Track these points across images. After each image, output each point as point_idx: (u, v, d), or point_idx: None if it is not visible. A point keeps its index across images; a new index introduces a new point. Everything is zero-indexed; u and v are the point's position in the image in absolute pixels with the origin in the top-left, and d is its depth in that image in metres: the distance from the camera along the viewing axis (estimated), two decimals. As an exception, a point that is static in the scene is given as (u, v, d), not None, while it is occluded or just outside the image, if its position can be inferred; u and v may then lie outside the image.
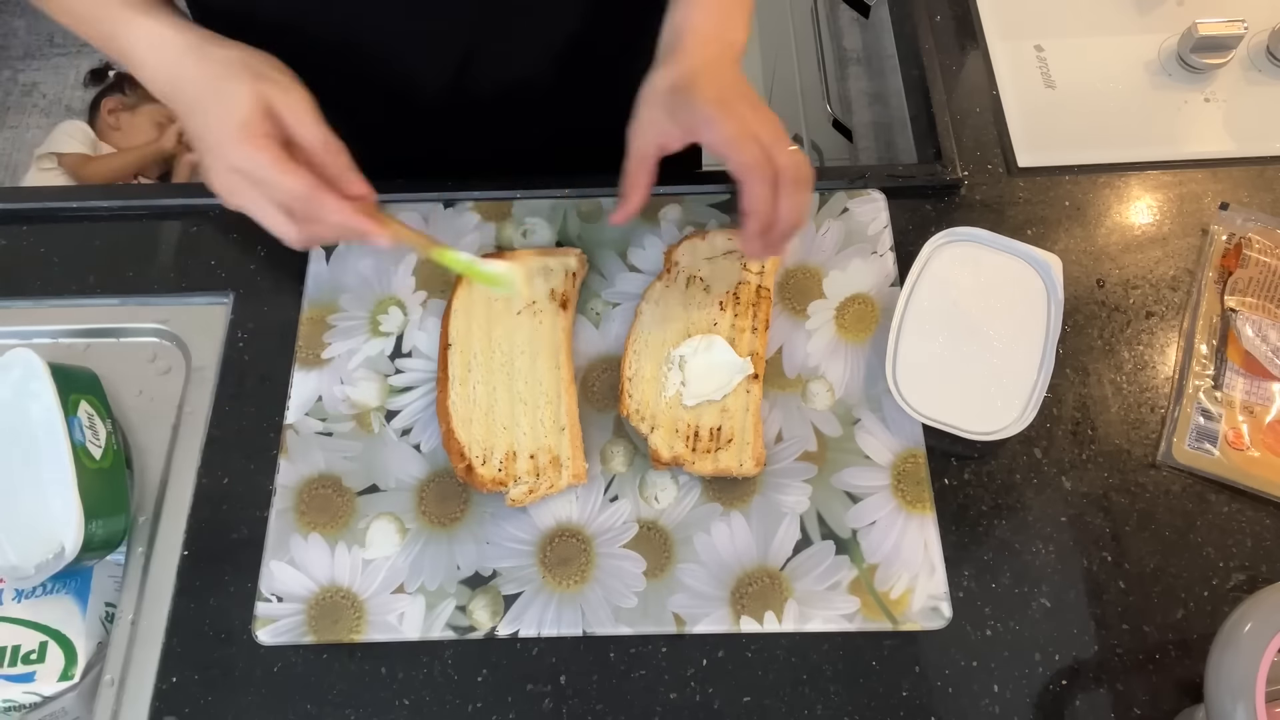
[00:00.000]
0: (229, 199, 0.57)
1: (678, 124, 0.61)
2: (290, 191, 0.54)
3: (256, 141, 0.54)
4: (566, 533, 0.61)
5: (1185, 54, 0.80)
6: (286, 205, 0.55)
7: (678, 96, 0.61)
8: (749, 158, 0.59)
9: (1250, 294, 0.68)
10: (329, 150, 0.56)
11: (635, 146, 0.64)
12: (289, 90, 0.56)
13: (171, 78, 0.57)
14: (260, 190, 0.55)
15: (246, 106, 0.54)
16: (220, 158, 0.55)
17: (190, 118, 0.57)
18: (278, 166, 0.54)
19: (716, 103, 0.59)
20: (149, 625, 0.60)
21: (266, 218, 0.56)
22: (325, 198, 0.55)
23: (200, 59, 0.57)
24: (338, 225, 0.56)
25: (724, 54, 0.63)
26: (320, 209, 0.55)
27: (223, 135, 0.54)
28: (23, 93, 2.09)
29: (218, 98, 0.55)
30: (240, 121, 0.54)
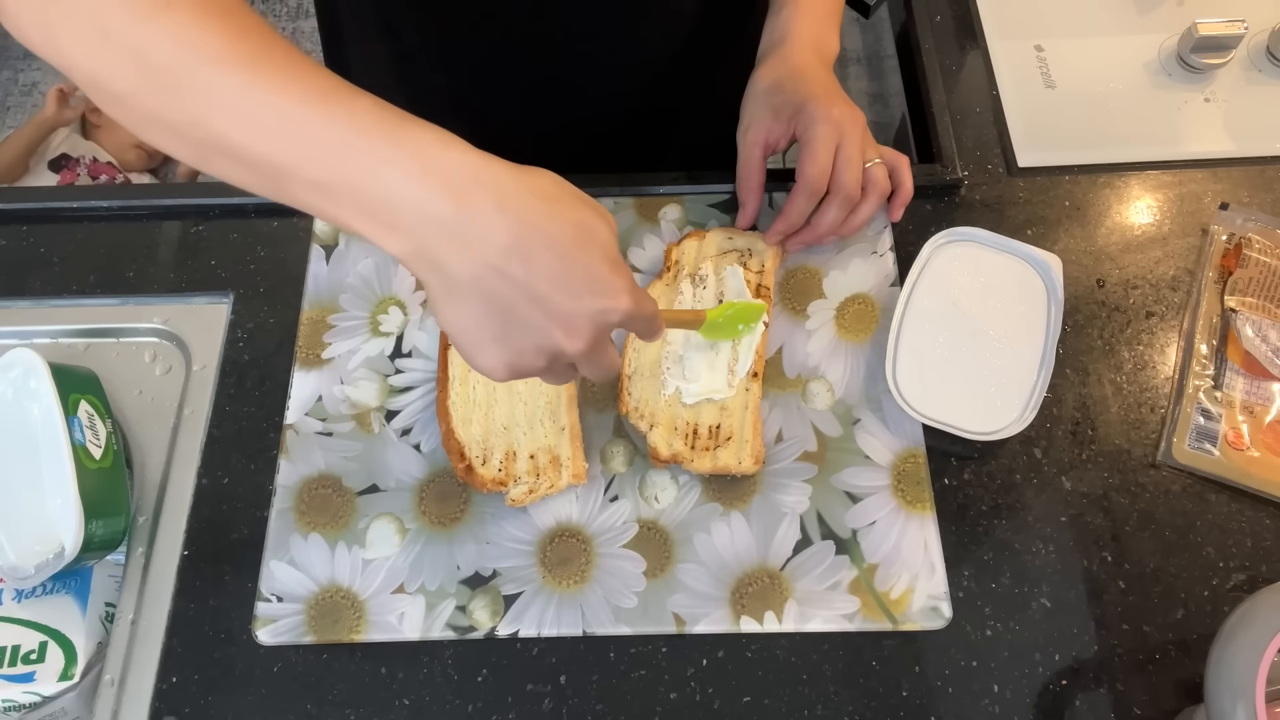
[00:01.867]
0: (524, 373, 0.44)
1: (781, 121, 0.64)
2: (649, 319, 0.46)
3: (634, 292, 0.43)
4: (566, 533, 0.61)
5: (1185, 54, 0.80)
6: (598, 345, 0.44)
7: (781, 95, 0.65)
8: (812, 171, 0.63)
9: (1250, 294, 0.68)
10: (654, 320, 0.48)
11: (743, 147, 0.68)
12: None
13: (463, 210, 0.39)
14: (594, 353, 0.44)
15: (614, 244, 0.43)
16: (563, 326, 0.42)
17: (496, 280, 0.40)
18: (647, 302, 0.45)
19: (818, 101, 0.63)
20: (149, 625, 0.60)
21: (565, 379, 0.47)
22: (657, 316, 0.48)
23: (509, 176, 0.41)
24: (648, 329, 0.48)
25: (822, 59, 0.67)
26: (651, 328, 0.47)
27: (587, 289, 0.41)
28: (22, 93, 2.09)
29: (578, 242, 0.41)
30: (614, 265, 0.42)
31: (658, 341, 0.65)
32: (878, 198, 0.65)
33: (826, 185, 0.64)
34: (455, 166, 0.40)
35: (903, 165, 0.68)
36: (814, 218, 0.66)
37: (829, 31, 0.70)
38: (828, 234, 0.67)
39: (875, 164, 0.65)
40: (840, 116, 0.63)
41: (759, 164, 0.67)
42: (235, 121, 0.39)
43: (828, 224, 0.66)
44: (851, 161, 0.63)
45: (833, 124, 0.63)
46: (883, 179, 0.65)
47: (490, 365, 0.43)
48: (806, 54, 0.67)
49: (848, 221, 0.66)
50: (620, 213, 0.73)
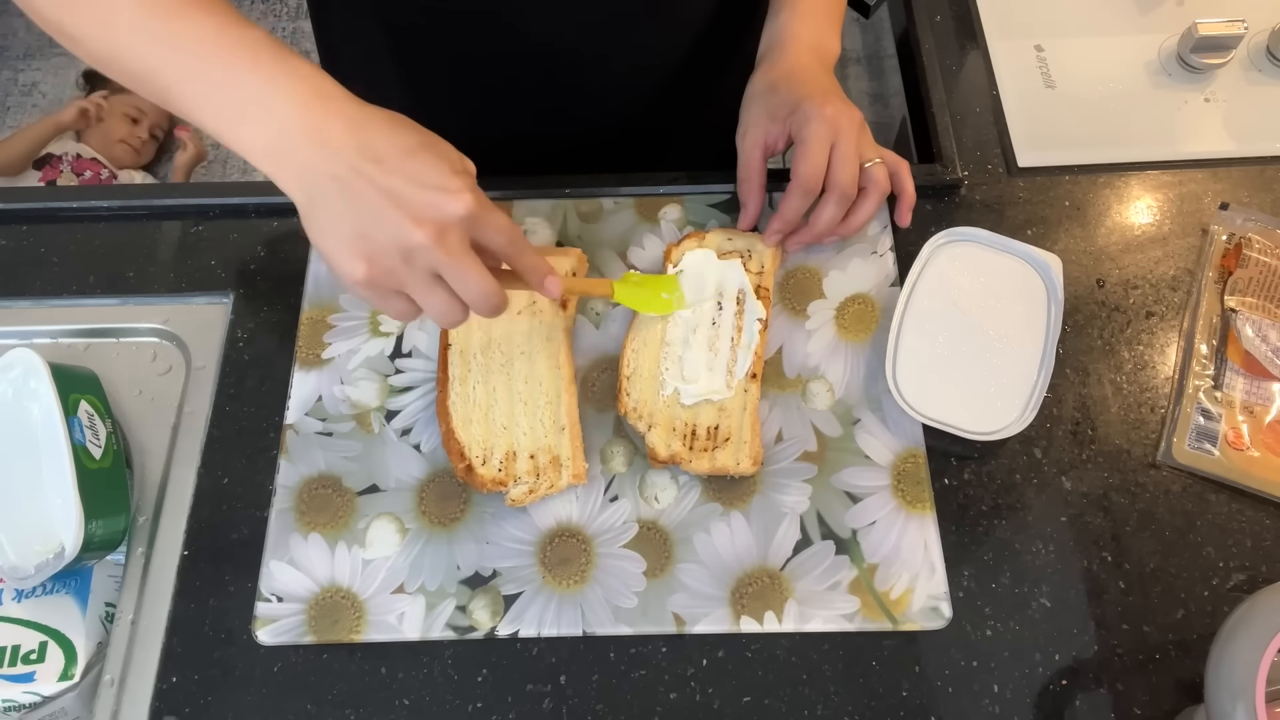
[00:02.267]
0: (385, 276, 0.48)
1: (778, 122, 0.64)
2: (505, 231, 0.49)
3: (477, 191, 0.48)
4: (566, 533, 0.61)
5: (1185, 54, 0.80)
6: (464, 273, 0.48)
7: (776, 96, 0.66)
8: (805, 169, 0.64)
9: (1250, 294, 0.68)
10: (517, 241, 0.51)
11: (743, 150, 0.69)
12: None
13: (327, 123, 0.47)
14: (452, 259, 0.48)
15: (461, 159, 0.49)
16: (411, 216, 0.46)
17: (356, 178, 0.46)
18: (496, 213, 0.49)
19: (813, 100, 0.63)
20: (149, 625, 0.60)
21: (431, 297, 0.49)
22: (531, 249, 0.52)
23: (368, 110, 0.48)
24: (531, 269, 0.52)
25: (821, 60, 0.67)
26: (521, 252, 0.51)
27: (433, 184, 0.46)
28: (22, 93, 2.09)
29: (425, 149, 0.47)
30: (459, 168, 0.48)
31: (657, 342, 0.65)
32: (877, 197, 0.65)
33: (821, 183, 0.64)
34: (328, 91, 0.48)
35: (903, 170, 0.68)
36: (811, 216, 0.66)
37: (828, 33, 0.70)
38: (826, 232, 0.66)
39: (875, 164, 0.65)
40: (835, 114, 0.63)
41: (759, 165, 0.67)
42: (139, 50, 0.48)
43: (825, 222, 0.65)
44: (846, 159, 0.63)
45: (826, 122, 0.63)
46: (882, 178, 0.65)
47: (351, 265, 0.47)
48: (803, 56, 0.68)
49: (846, 221, 0.66)
50: (620, 213, 0.73)
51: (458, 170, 0.48)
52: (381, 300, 0.50)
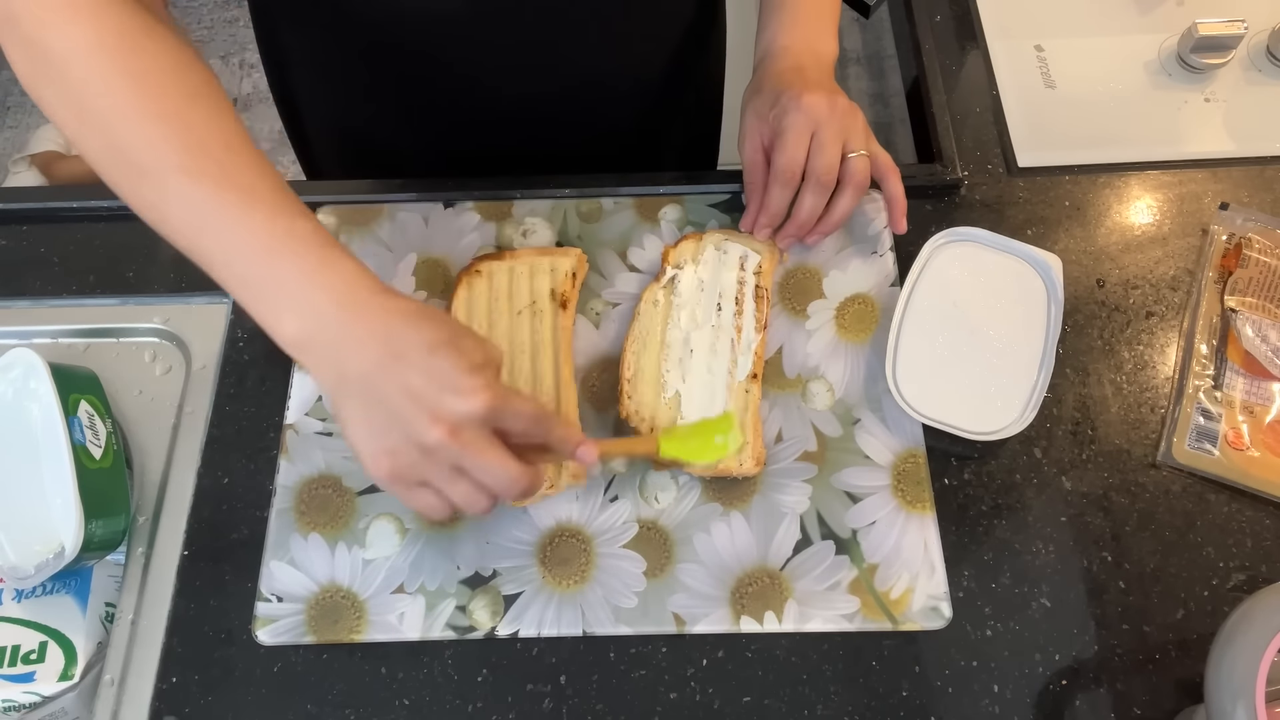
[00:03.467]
0: (408, 471, 0.48)
1: (765, 120, 0.65)
2: (529, 415, 0.49)
3: (494, 388, 0.47)
4: (566, 533, 0.61)
5: (1185, 54, 0.80)
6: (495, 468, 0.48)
7: (760, 97, 0.67)
8: (782, 159, 0.64)
9: (1250, 294, 0.68)
10: (543, 420, 0.50)
11: (743, 155, 0.70)
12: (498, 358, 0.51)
13: (359, 320, 0.47)
14: (471, 451, 0.47)
15: (484, 353, 0.49)
16: (428, 415, 0.46)
17: (380, 374, 0.47)
18: (516, 400, 0.48)
19: (791, 91, 0.64)
20: (149, 625, 0.60)
21: (454, 489, 0.49)
22: (560, 422, 0.51)
23: (399, 302, 0.49)
24: (561, 441, 0.51)
25: (815, 62, 0.68)
26: (549, 429, 0.50)
27: (449, 384, 0.46)
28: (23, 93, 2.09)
29: (446, 345, 0.47)
30: (480, 363, 0.48)
31: (657, 344, 0.65)
32: (853, 190, 0.65)
33: (800, 173, 0.64)
34: (365, 286, 0.48)
35: (892, 175, 0.67)
36: (793, 207, 0.66)
37: (821, 37, 0.69)
38: (808, 223, 0.66)
39: (857, 155, 0.64)
40: (813, 104, 0.63)
41: (761, 167, 0.67)
42: (189, 219, 0.49)
43: (805, 212, 0.65)
44: (824, 147, 0.63)
45: (804, 112, 0.63)
46: (860, 171, 0.64)
47: (375, 460, 0.48)
48: (793, 59, 0.67)
49: (826, 215, 0.66)
50: (620, 213, 0.73)
51: (476, 366, 0.47)
52: (408, 494, 0.49)
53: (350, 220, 0.72)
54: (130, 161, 0.49)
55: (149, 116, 0.48)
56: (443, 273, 0.70)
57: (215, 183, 0.48)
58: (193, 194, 0.48)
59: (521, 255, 0.69)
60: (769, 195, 0.65)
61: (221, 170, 0.48)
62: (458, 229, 0.72)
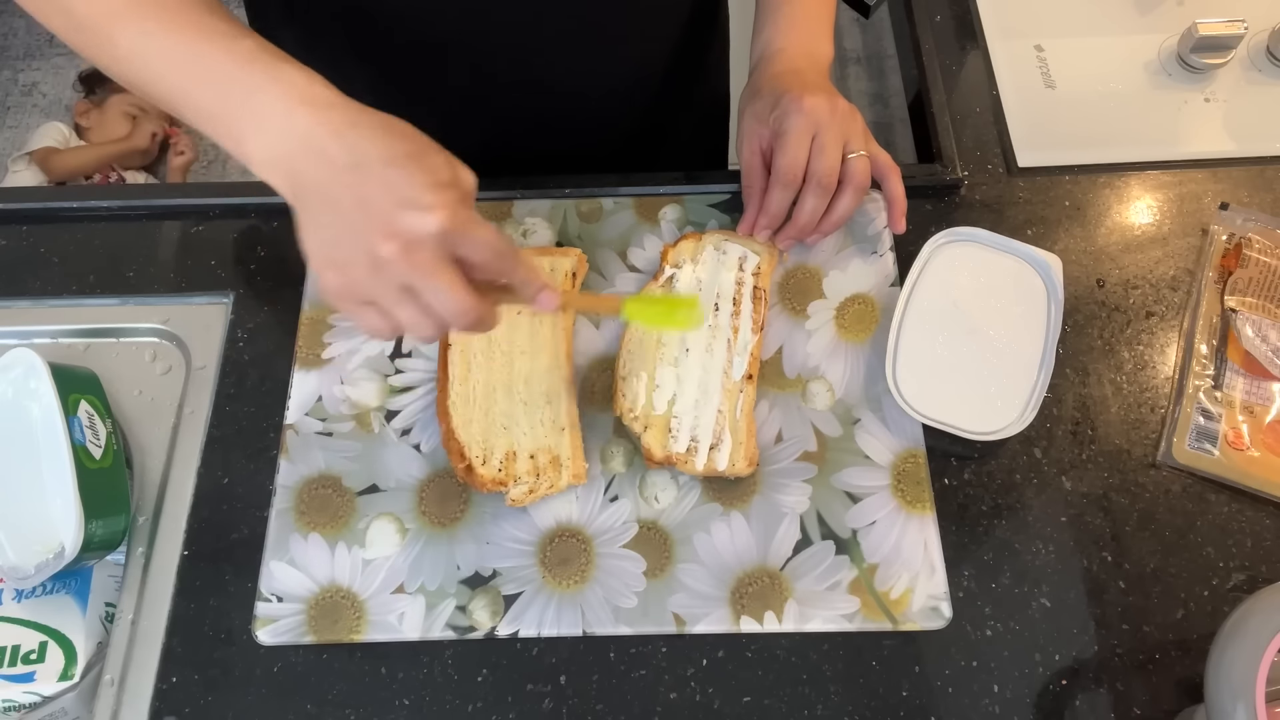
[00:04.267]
0: (354, 287, 0.47)
1: (764, 122, 0.65)
2: (490, 246, 0.47)
3: (455, 209, 0.45)
4: (566, 533, 0.61)
5: (1185, 54, 0.80)
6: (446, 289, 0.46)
7: (760, 99, 0.67)
8: (783, 161, 0.64)
9: (1250, 294, 0.68)
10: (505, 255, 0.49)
11: (741, 158, 0.70)
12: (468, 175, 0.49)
13: (316, 130, 0.46)
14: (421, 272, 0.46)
15: (451, 173, 0.47)
16: (381, 229, 0.45)
17: (336, 184, 0.45)
18: (479, 227, 0.47)
19: (791, 94, 0.64)
20: (149, 625, 0.60)
21: (400, 311, 0.47)
22: (524, 261, 0.49)
23: (363, 114, 0.47)
24: (523, 282, 0.50)
25: (812, 65, 0.68)
26: (512, 266, 0.49)
27: (407, 198, 0.45)
28: (23, 93, 2.09)
29: (408, 159, 0.45)
30: (445, 181, 0.46)
31: (652, 344, 0.65)
32: (853, 191, 0.65)
33: (801, 176, 0.64)
34: (318, 97, 0.47)
35: (893, 175, 0.67)
36: (793, 210, 0.66)
37: (817, 39, 0.69)
38: (809, 225, 0.66)
39: (857, 156, 0.64)
40: (814, 106, 0.63)
41: (759, 170, 0.67)
42: (139, 63, 0.49)
43: (806, 214, 0.65)
44: (825, 149, 0.63)
45: (805, 114, 0.63)
46: (861, 172, 0.64)
47: (324, 272, 0.47)
48: (789, 62, 0.68)
49: (826, 216, 0.66)
50: (620, 213, 0.73)
51: (442, 183, 0.46)
52: (354, 311, 0.48)
53: (350, 220, 0.72)
54: (81, 23, 0.49)
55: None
56: (443, 273, 0.70)
57: (158, 22, 0.48)
58: (138, 40, 0.48)
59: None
60: (770, 197, 0.65)
61: (162, 8, 0.48)
62: (458, 229, 0.72)
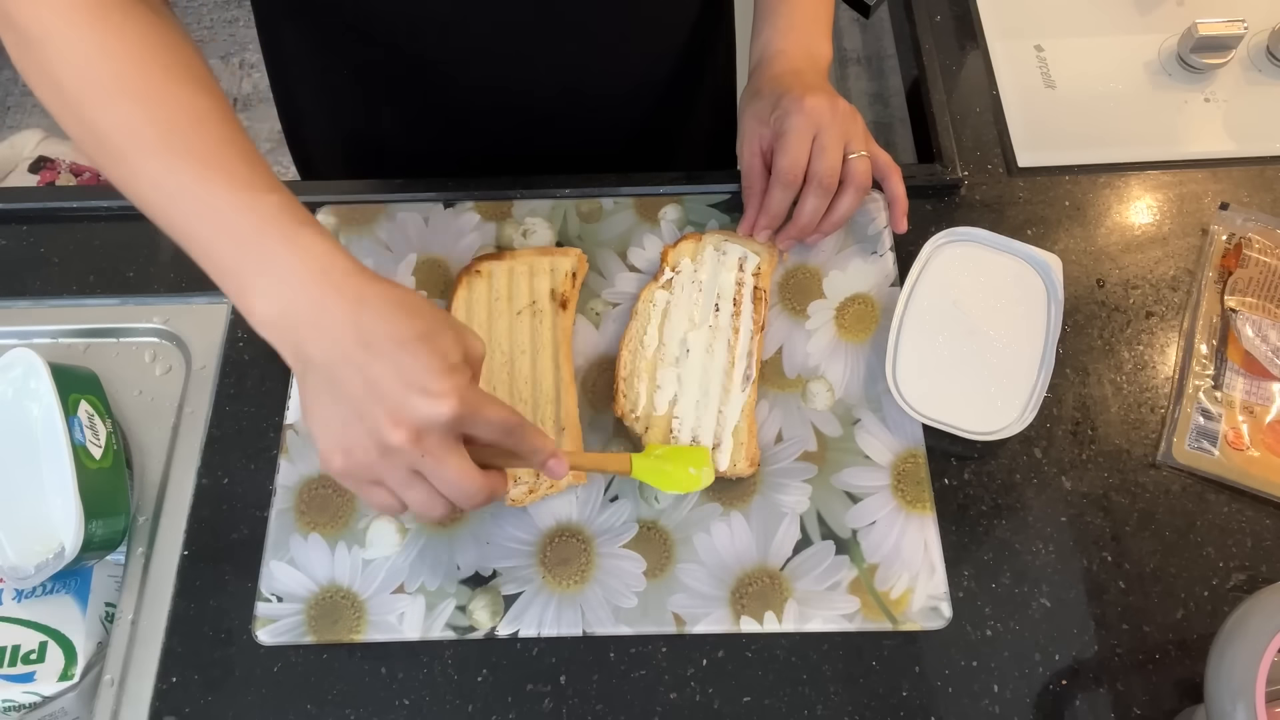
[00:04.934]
0: (362, 469, 0.46)
1: (765, 123, 0.65)
2: (499, 425, 0.47)
3: (465, 393, 0.45)
4: (566, 533, 0.61)
5: (1185, 54, 0.80)
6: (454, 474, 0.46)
7: (760, 100, 0.67)
8: (784, 162, 0.64)
9: (1250, 294, 0.68)
10: (514, 431, 0.48)
11: (742, 159, 0.70)
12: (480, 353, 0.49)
13: (326, 304, 0.45)
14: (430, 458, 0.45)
15: (461, 351, 0.46)
16: (390, 415, 0.44)
17: (344, 364, 0.45)
18: (488, 408, 0.46)
19: (793, 94, 0.64)
20: (149, 625, 0.60)
21: (409, 493, 0.47)
22: (532, 432, 0.49)
23: (374, 288, 0.46)
24: (532, 452, 0.50)
25: (811, 66, 0.68)
26: (519, 440, 0.48)
27: (417, 383, 0.44)
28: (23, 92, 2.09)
29: (417, 341, 0.45)
30: (455, 365, 0.45)
31: (653, 344, 0.65)
32: (854, 191, 0.65)
33: (802, 176, 0.64)
34: (334, 266, 0.46)
35: (894, 174, 0.67)
36: (794, 210, 0.66)
37: (816, 41, 0.70)
38: (809, 225, 0.66)
39: (858, 156, 0.64)
40: (815, 107, 0.63)
41: (760, 171, 0.67)
42: (162, 199, 0.47)
43: (807, 214, 0.65)
44: (826, 150, 0.63)
45: (806, 114, 0.63)
46: (861, 172, 0.65)
47: (329, 453, 0.46)
48: (789, 63, 0.68)
49: (827, 216, 0.66)
50: (620, 213, 0.73)
51: (452, 366, 0.45)
52: (361, 490, 0.48)
53: (350, 220, 0.72)
54: (102, 142, 0.48)
55: (120, 97, 0.47)
56: (443, 273, 0.70)
57: (183, 162, 0.46)
58: (161, 175, 0.47)
59: (521, 255, 0.69)
60: (770, 197, 0.65)
61: (189, 149, 0.47)
62: (458, 229, 0.72)
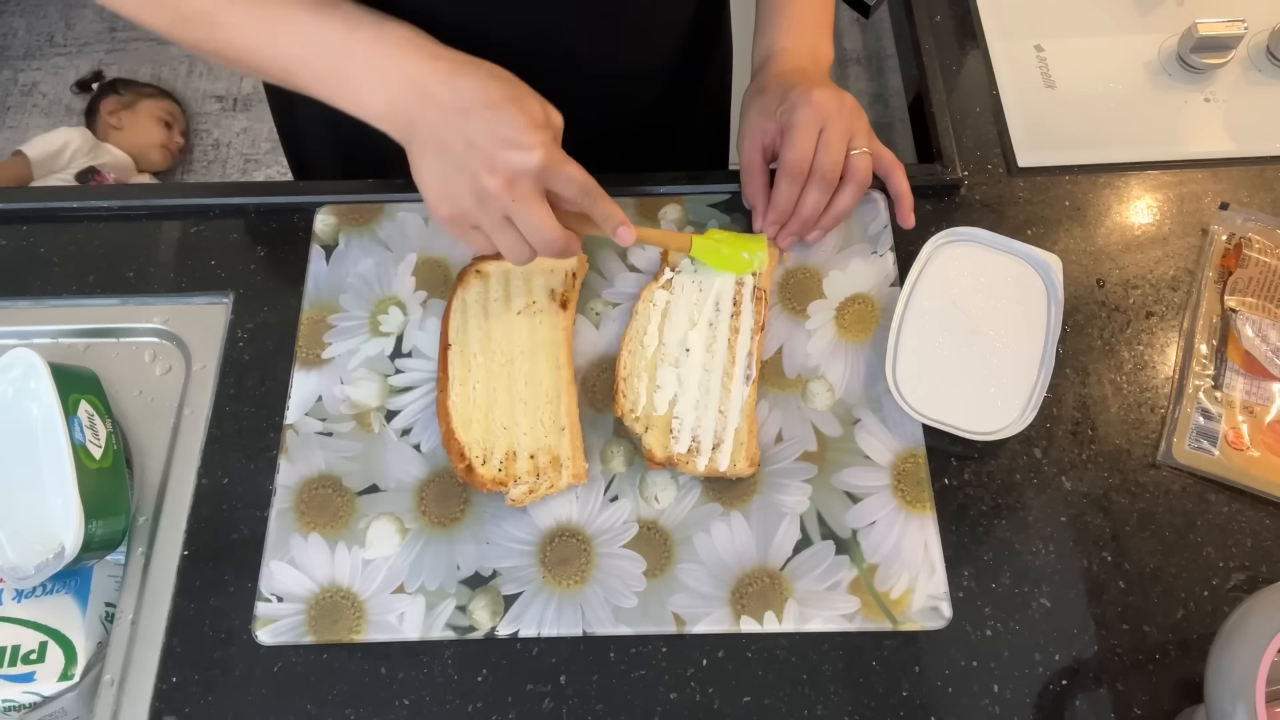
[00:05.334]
0: (463, 215, 0.55)
1: (770, 118, 0.66)
2: (578, 182, 0.55)
3: (550, 147, 0.53)
4: (566, 533, 0.61)
5: (1185, 54, 0.80)
6: (539, 219, 0.55)
7: (766, 96, 0.68)
8: (791, 155, 0.64)
9: (1250, 294, 0.68)
10: (590, 192, 0.56)
11: (742, 154, 0.70)
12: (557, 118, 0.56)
13: (426, 79, 0.53)
14: (520, 204, 0.54)
15: (545, 114, 0.54)
16: (486, 165, 0.52)
17: (446, 127, 0.53)
18: (569, 165, 0.54)
19: (799, 88, 0.64)
20: (149, 625, 0.60)
21: (501, 236, 0.56)
22: (605, 199, 0.57)
23: (463, 62, 0.54)
24: (604, 217, 0.57)
25: (815, 65, 0.69)
26: (595, 204, 0.56)
27: (508, 138, 0.52)
28: (23, 93, 2.09)
29: (509, 103, 0.52)
30: (540, 122, 0.53)
31: (653, 344, 0.65)
32: (854, 187, 0.65)
33: (808, 170, 0.64)
34: (424, 48, 0.54)
35: (898, 171, 0.67)
36: (796, 204, 0.66)
37: (818, 41, 0.70)
38: (810, 219, 0.66)
39: (860, 152, 0.65)
40: (822, 101, 0.63)
41: (760, 167, 0.67)
42: (252, 38, 0.54)
43: (809, 208, 0.66)
44: (830, 144, 0.63)
45: (813, 108, 0.63)
46: (862, 168, 0.65)
47: (436, 204, 0.55)
48: (794, 61, 0.68)
49: (827, 211, 0.66)
50: (620, 213, 0.73)
51: (538, 124, 0.52)
52: (462, 234, 0.56)
53: (350, 220, 0.72)
54: (186, 14, 0.54)
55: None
56: (443, 273, 0.70)
57: (262, 4, 0.53)
58: (247, 20, 0.54)
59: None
60: (777, 191, 0.66)
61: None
62: (458, 229, 0.72)
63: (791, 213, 0.67)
